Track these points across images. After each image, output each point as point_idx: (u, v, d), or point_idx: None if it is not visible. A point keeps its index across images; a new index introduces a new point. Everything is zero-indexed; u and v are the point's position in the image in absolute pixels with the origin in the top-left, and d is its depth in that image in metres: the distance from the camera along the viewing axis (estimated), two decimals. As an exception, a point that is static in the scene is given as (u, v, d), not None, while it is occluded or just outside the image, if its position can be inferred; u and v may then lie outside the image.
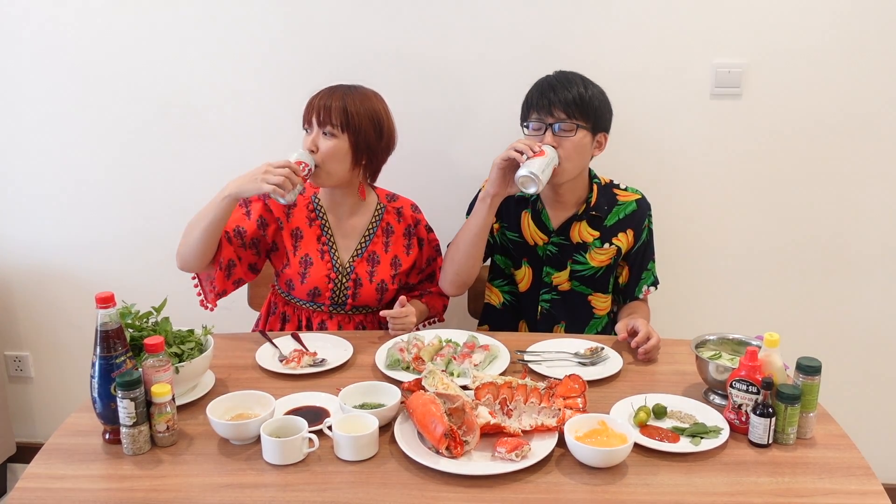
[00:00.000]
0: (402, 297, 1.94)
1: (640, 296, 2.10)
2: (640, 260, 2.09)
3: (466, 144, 2.40)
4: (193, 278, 2.03)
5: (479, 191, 2.12)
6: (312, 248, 2.02)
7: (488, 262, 2.20)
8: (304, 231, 2.03)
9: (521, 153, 1.84)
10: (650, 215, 2.09)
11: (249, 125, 2.41)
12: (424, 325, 2.22)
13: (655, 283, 2.12)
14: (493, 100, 2.35)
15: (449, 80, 2.34)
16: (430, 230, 2.15)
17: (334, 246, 2.04)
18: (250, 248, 2.00)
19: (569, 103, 1.89)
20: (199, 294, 2.05)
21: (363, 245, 2.05)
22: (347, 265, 2.03)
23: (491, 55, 2.31)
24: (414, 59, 2.32)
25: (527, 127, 1.96)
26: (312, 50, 2.32)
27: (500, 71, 2.32)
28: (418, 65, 2.33)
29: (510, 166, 1.87)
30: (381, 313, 1.93)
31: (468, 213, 2.12)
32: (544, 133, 1.91)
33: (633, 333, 1.83)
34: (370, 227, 2.07)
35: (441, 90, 2.35)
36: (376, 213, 2.08)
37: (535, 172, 1.80)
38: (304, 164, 1.84)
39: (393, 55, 2.32)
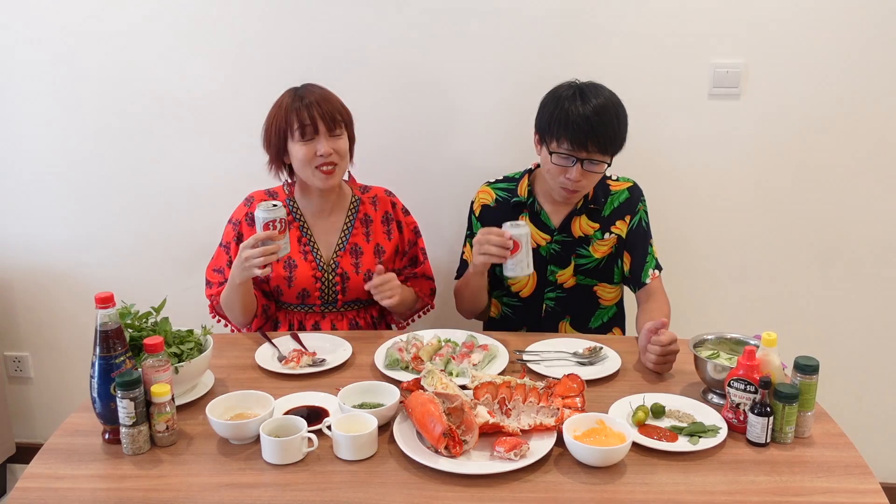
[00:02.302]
0: (379, 266, 1.95)
1: (647, 280, 2.05)
2: (641, 243, 2.07)
3: (461, 141, 2.40)
4: (219, 320, 2.09)
5: (471, 206, 2.15)
6: (294, 251, 2.02)
7: None
8: None
9: (499, 256, 1.83)
10: (643, 200, 2.09)
11: (248, 125, 2.39)
12: (419, 316, 2.22)
13: (658, 267, 2.11)
14: (489, 98, 2.35)
15: (445, 78, 2.34)
16: (406, 213, 2.16)
17: (315, 245, 2.05)
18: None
19: (606, 144, 1.87)
20: (233, 331, 2.10)
21: (343, 239, 2.06)
22: (331, 261, 2.04)
23: (487, 53, 2.31)
24: (409, 56, 2.32)
25: (550, 153, 1.91)
26: (307, 49, 2.32)
27: (496, 69, 2.32)
28: (413, 62, 2.33)
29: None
30: (366, 287, 1.92)
31: (460, 262, 2.19)
32: (573, 165, 1.89)
33: (653, 332, 1.74)
34: (347, 220, 2.08)
35: (437, 87, 2.35)
36: (352, 207, 2.10)
37: (522, 271, 1.85)
38: (275, 222, 1.78)
39: (388, 53, 2.32)
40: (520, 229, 1.83)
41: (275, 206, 1.80)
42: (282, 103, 1.96)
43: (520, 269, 1.84)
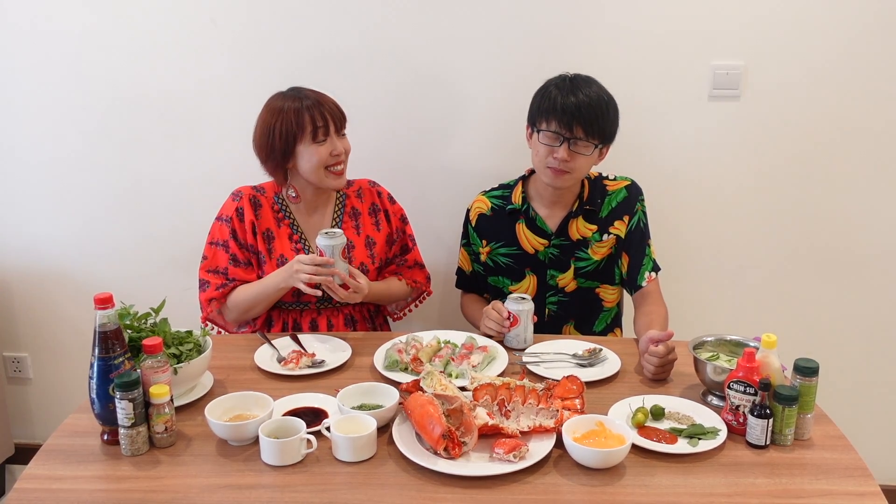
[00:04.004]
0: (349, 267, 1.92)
1: (643, 283, 2.05)
2: (638, 244, 2.07)
3: (459, 143, 2.40)
4: (210, 326, 2.07)
5: (466, 215, 2.15)
6: (287, 248, 2.02)
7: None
8: (274, 232, 2.03)
9: (499, 332, 1.89)
10: (642, 199, 2.09)
11: (244, 127, 2.39)
12: (417, 305, 2.22)
13: (656, 269, 2.11)
14: (487, 100, 2.35)
15: (443, 80, 2.34)
16: (392, 201, 2.16)
17: (306, 242, 2.04)
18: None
19: (592, 125, 1.90)
20: (219, 331, 2.09)
21: None
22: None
23: (486, 55, 2.31)
24: (407, 58, 2.32)
25: (538, 131, 1.95)
26: (306, 51, 2.33)
27: (494, 70, 2.32)
28: (411, 64, 2.33)
29: None
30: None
31: (457, 271, 2.22)
32: (560, 145, 1.91)
33: (655, 343, 1.73)
34: (335, 215, 2.08)
35: (434, 89, 2.35)
36: (338, 201, 2.10)
37: (519, 344, 1.87)
38: (343, 249, 1.84)
39: (387, 55, 2.32)
40: (521, 305, 1.87)
41: (335, 233, 1.84)
42: (282, 107, 1.92)
43: (517, 342, 1.88)
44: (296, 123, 1.90)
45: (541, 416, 1.50)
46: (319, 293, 1.86)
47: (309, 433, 1.42)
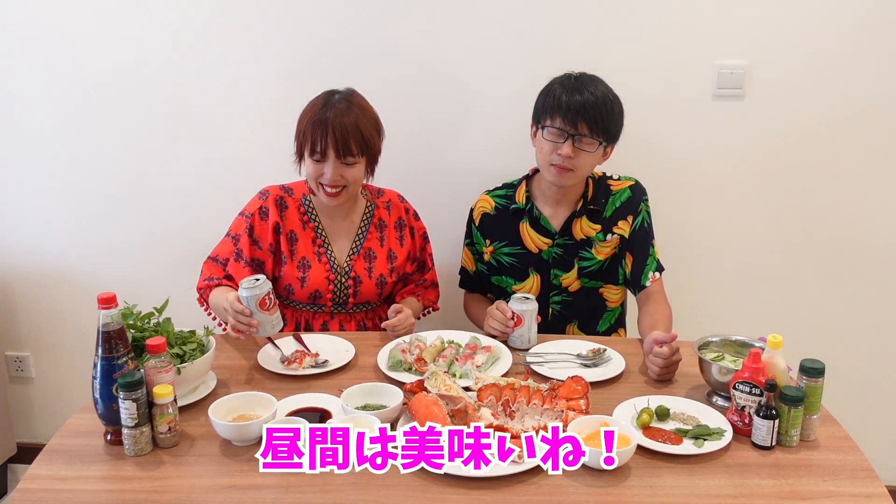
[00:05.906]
0: (395, 305, 1.93)
1: (647, 283, 2.05)
2: (642, 244, 2.07)
3: (465, 143, 2.40)
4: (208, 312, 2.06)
5: (470, 214, 2.15)
6: (309, 251, 2.02)
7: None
8: (298, 234, 2.03)
9: (503, 332, 1.88)
10: (646, 199, 2.09)
11: (249, 126, 2.40)
12: (420, 317, 2.22)
13: (660, 269, 2.10)
14: (493, 99, 2.35)
15: (449, 79, 2.34)
16: (417, 217, 2.16)
17: (329, 247, 2.04)
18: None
19: (597, 122, 1.90)
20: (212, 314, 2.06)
21: (358, 243, 2.05)
22: (345, 265, 2.03)
23: (491, 55, 2.30)
24: (414, 57, 2.32)
25: (543, 128, 1.95)
26: (311, 49, 2.32)
27: (500, 70, 2.32)
28: (418, 64, 2.33)
29: None
30: (383, 325, 1.91)
31: (461, 270, 2.22)
32: (564, 141, 1.91)
33: (659, 344, 1.73)
34: (363, 224, 2.07)
35: (440, 89, 2.35)
36: (367, 211, 2.09)
37: (523, 344, 1.87)
38: (262, 300, 1.68)
39: (393, 54, 2.32)
40: (525, 305, 1.86)
41: (257, 280, 1.70)
42: (313, 108, 1.91)
43: (520, 342, 1.87)
44: (303, 133, 1.91)
45: (545, 417, 1.49)
46: (241, 336, 1.74)
47: (313, 433, 1.41)
